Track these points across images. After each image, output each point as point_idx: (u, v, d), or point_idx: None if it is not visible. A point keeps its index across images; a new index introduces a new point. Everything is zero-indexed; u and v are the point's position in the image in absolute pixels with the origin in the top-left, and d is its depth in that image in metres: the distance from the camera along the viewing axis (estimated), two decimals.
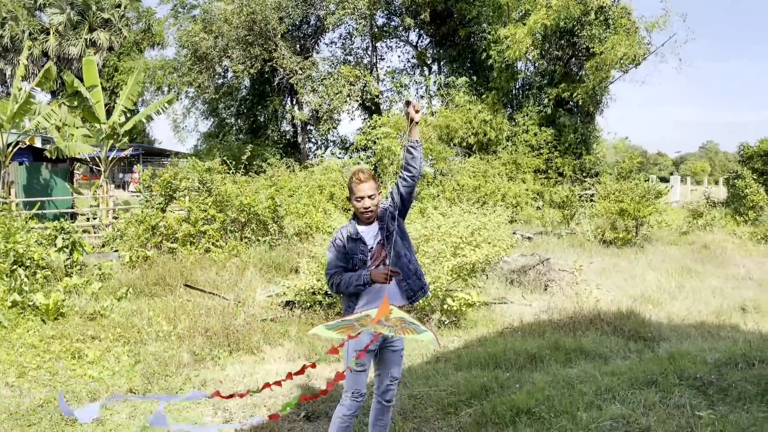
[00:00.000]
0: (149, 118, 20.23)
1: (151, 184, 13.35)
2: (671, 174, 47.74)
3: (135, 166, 31.21)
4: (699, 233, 16.19)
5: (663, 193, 16.43)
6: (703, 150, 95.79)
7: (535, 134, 25.39)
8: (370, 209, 3.81)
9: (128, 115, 19.56)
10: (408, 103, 3.68)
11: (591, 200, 19.80)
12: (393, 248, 3.84)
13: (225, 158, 14.62)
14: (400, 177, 3.86)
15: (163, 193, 12.87)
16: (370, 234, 3.89)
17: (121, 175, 35.60)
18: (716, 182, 38.54)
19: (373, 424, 4.08)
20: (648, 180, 19.05)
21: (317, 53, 31.06)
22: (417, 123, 3.70)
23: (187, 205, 12.68)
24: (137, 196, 18.44)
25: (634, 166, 21.32)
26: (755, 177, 20.15)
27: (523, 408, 4.69)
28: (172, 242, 11.91)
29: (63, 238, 10.56)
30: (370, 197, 3.79)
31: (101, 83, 19.21)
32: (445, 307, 7.76)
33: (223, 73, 31.06)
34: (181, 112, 32.74)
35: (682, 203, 25.18)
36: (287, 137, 33.25)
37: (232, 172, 13.71)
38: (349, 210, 15.24)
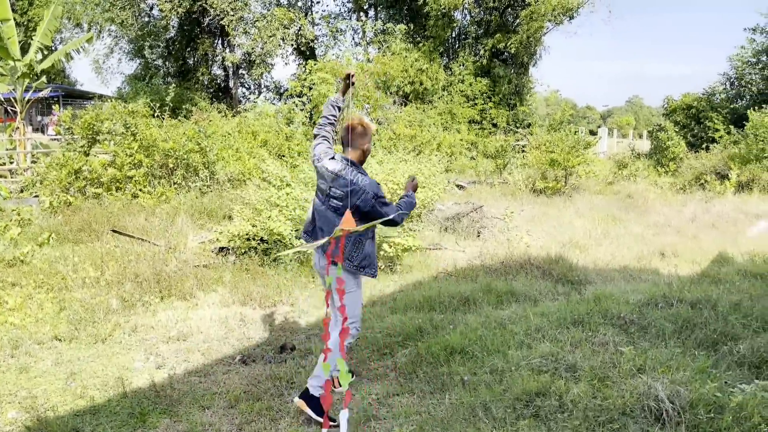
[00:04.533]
0: (68, 56, 18.98)
1: (72, 126, 12.66)
2: (599, 127, 49.18)
3: (53, 107, 29.43)
4: (624, 183, 16.83)
5: (591, 145, 16.91)
6: (629, 104, 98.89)
7: (471, 84, 25.49)
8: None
9: (45, 52, 18.28)
10: (349, 76, 4.01)
11: (523, 151, 20.18)
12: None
13: (152, 102, 13.98)
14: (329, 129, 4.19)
15: (85, 135, 12.25)
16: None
17: (39, 118, 33.54)
18: (640, 136, 39.98)
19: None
20: (577, 132, 19.54)
21: None
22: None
23: (112, 149, 12.13)
24: (57, 140, 17.47)
25: (566, 119, 21.81)
26: (677, 130, 20.98)
27: (456, 347, 4.81)
28: (96, 187, 11.41)
29: None
30: None
31: (15, 18, 17.84)
32: (382, 253, 7.80)
33: (148, 11, 29.45)
34: (104, 52, 30.97)
35: (608, 155, 26.05)
36: (218, 82, 32.09)
37: (157, 116, 13.15)
38: (283, 156, 14.97)
